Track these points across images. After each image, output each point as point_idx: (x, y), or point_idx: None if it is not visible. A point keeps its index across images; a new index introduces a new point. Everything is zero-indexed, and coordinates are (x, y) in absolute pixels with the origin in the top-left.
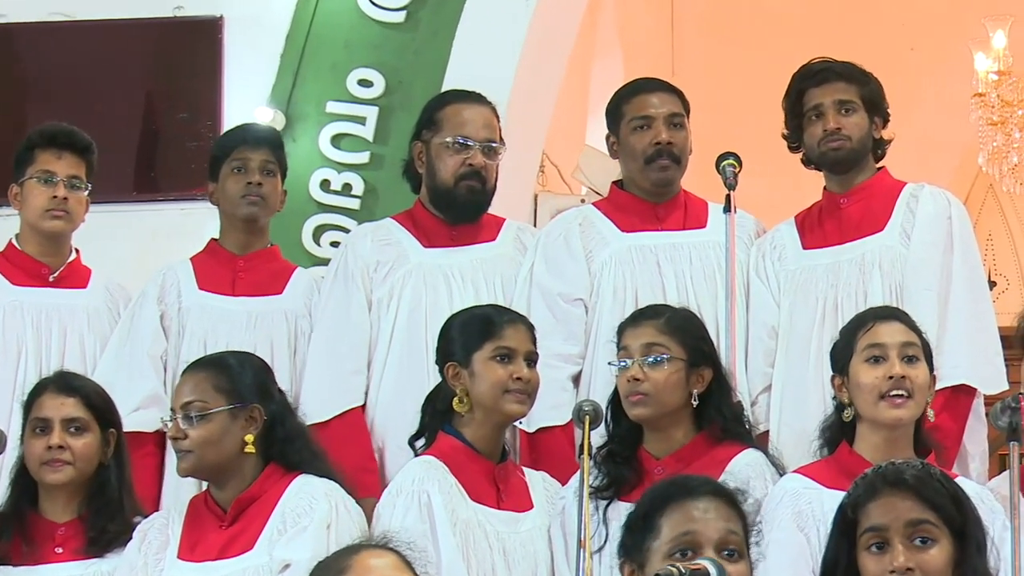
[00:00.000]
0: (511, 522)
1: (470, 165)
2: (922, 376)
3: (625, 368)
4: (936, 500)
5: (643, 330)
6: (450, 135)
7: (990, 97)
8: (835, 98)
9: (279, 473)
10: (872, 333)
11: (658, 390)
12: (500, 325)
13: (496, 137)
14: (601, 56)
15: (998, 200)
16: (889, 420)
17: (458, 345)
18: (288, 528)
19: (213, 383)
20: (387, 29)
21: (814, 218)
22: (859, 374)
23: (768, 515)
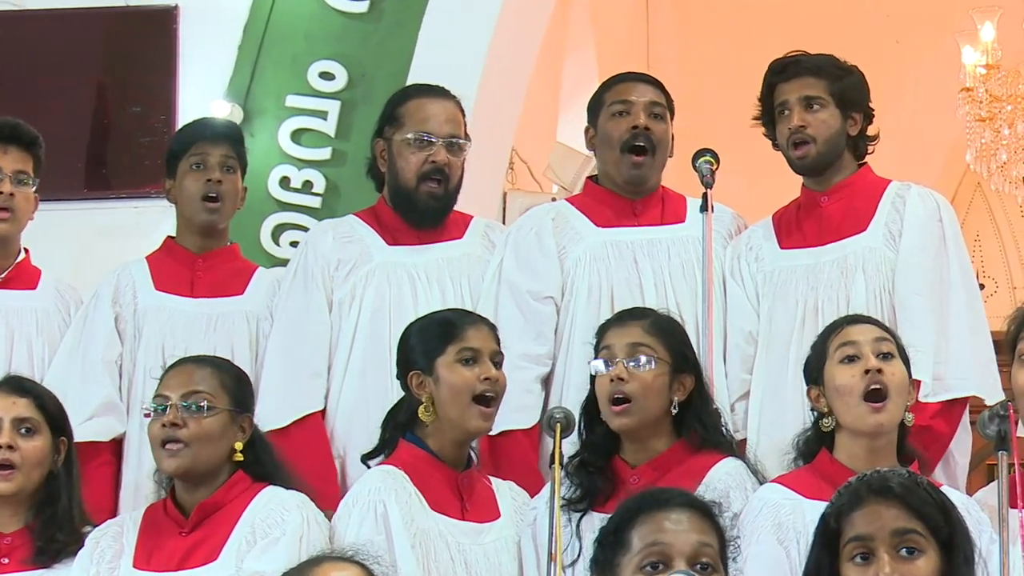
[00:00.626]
0: (474, 533)
1: (433, 162)
2: (899, 374)
3: (607, 369)
4: (923, 510)
5: (629, 330)
6: (412, 131)
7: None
8: (801, 94)
9: (246, 482)
10: (843, 334)
11: (643, 392)
12: (461, 327)
13: (461, 133)
14: (573, 49)
15: (986, 199)
16: (869, 427)
17: (419, 352)
18: (258, 539)
19: (220, 380)
20: (350, 20)
21: (792, 217)
22: (835, 376)
23: (746, 527)
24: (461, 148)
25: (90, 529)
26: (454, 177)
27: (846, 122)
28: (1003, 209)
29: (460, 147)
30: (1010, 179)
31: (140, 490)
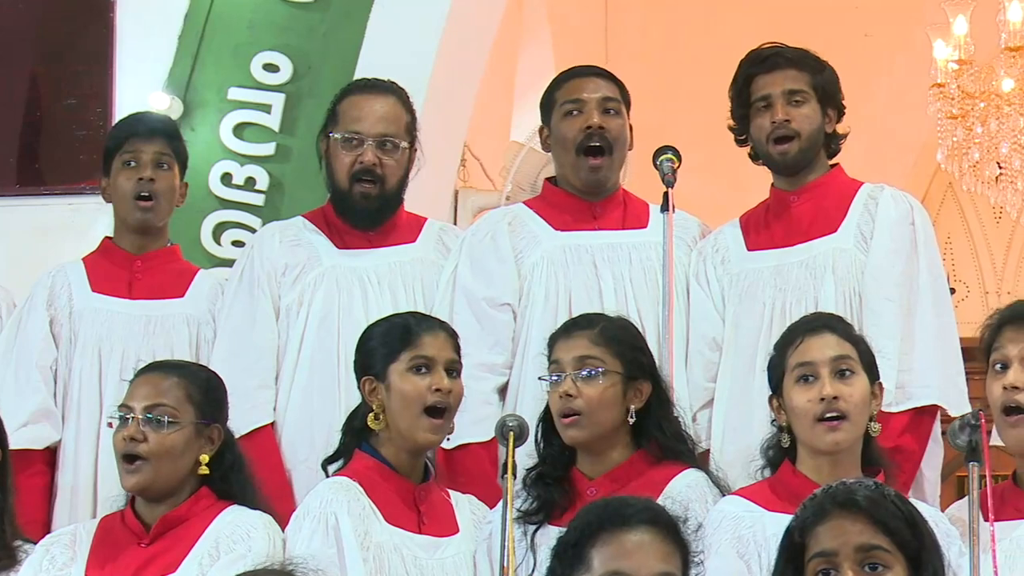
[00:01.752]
0: (431, 547)
1: (361, 162)
2: (858, 393)
3: (557, 384)
4: (890, 523)
5: (575, 342)
6: (342, 130)
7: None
8: (785, 87)
9: (211, 499)
10: (801, 350)
11: (592, 407)
12: (417, 333)
13: (397, 131)
14: (528, 40)
15: (958, 200)
16: (826, 446)
17: (375, 357)
18: (222, 554)
19: (186, 392)
20: (295, 9)
21: (760, 218)
22: (792, 396)
23: (706, 541)
24: (396, 147)
25: (21, 544)
26: (390, 177)
27: (824, 118)
28: (975, 210)
29: (395, 146)
30: (982, 179)
31: (76, 499)
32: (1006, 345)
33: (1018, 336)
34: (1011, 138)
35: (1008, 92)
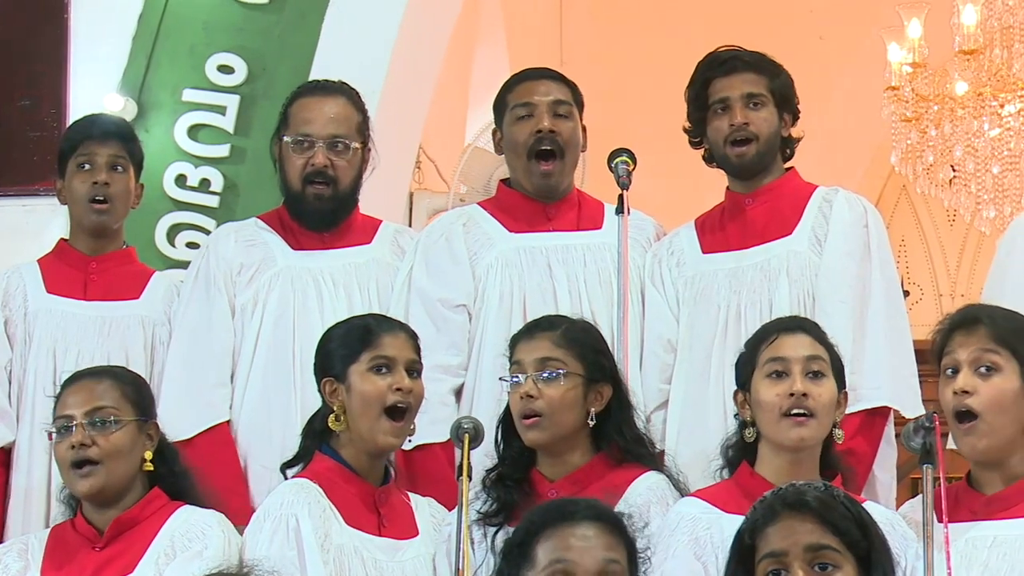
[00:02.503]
0: (392, 550)
1: (312, 165)
2: (827, 394)
3: (518, 384)
4: (839, 524)
5: (537, 343)
6: (293, 133)
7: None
8: (743, 90)
9: (163, 499)
10: (775, 346)
11: (553, 408)
12: (378, 334)
13: (348, 132)
14: (484, 42)
15: (912, 203)
16: (791, 441)
17: (335, 359)
18: (178, 552)
19: (121, 391)
20: (250, 10)
21: (715, 221)
22: (760, 390)
23: (663, 542)
24: (347, 149)
25: None
26: (343, 179)
27: (781, 122)
28: (929, 213)
29: (346, 148)
30: (937, 182)
31: (30, 500)
32: (956, 350)
33: (968, 341)
34: (965, 141)
35: (962, 95)
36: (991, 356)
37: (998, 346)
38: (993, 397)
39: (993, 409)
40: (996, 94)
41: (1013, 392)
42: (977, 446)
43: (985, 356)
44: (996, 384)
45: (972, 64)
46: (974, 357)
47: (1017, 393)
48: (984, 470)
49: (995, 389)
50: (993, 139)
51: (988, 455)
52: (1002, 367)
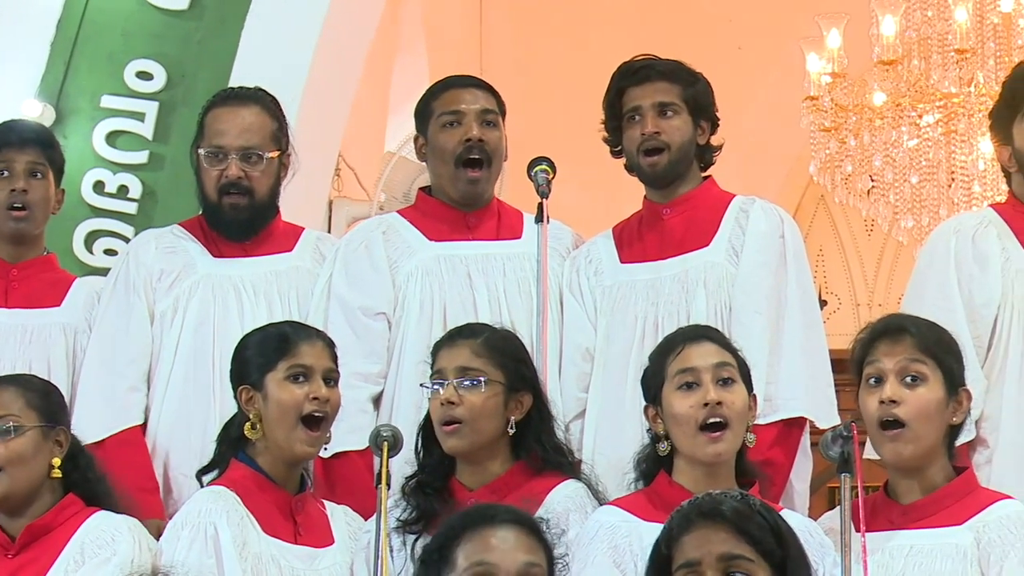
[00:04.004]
0: (308, 558)
1: (226, 177)
2: (739, 400)
3: (438, 391)
4: (754, 533)
5: (459, 351)
6: (206, 145)
7: (823, 101)
8: (655, 100)
9: (77, 505)
10: (682, 357)
11: (474, 416)
12: (295, 342)
13: (260, 142)
14: (404, 51)
15: (830, 212)
16: (707, 457)
17: (251, 366)
18: (87, 559)
19: (25, 399)
20: (169, 17)
21: (633, 230)
22: (673, 403)
23: (582, 550)
24: (260, 159)
25: None
26: (259, 189)
27: (696, 130)
28: (847, 223)
29: (259, 158)
30: (855, 192)
31: None
32: (881, 359)
33: (893, 350)
34: (883, 151)
35: (880, 105)
36: (917, 366)
37: (924, 356)
38: (919, 407)
39: (919, 418)
40: (915, 104)
41: (937, 402)
42: (903, 453)
43: (912, 366)
44: (922, 394)
45: (891, 74)
46: (900, 367)
47: (941, 403)
48: (903, 478)
49: (921, 399)
50: (912, 149)
51: (912, 462)
52: (928, 377)
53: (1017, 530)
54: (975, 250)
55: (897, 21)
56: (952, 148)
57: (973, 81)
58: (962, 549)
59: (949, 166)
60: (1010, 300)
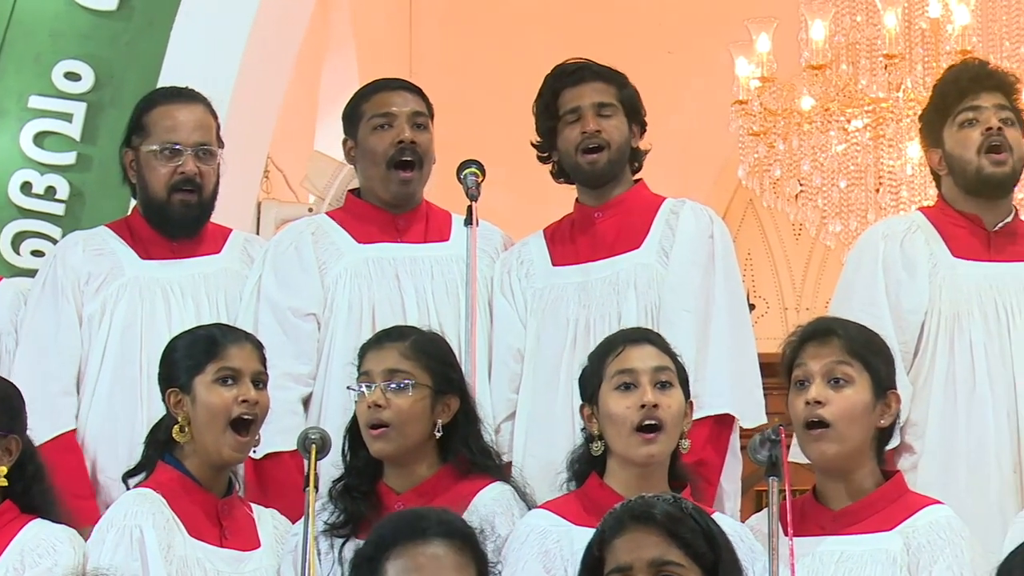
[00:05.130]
0: (234, 562)
1: (182, 173)
2: (676, 404)
3: (365, 394)
4: (686, 537)
5: (386, 354)
6: (158, 141)
7: (752, 105)
8: (594, 99)
9: (13, 512)
10: (622, 358)
11: (401, 419)
12: (223, 345)
13: (211, 139)
14: (333, 52)
15: (758, 216)
16: (640, 458)
17: (179, 369)
18: (27, 568)
19: None
20: (97, 18)
21: (565, 233)
22: (609, 403)
23: (512, 555)
24: (213, 155)
25: None
26: (207, 186)
27: (631, 132)
28: (775, 227)
29: (212, 154)
30: (783, 196)
31: None
32: (808, 362)
33: (819, 352)
34: (812, 155)
35: (809, 110)
36: (844, 368)
37: (851, 358)
38: (845, 408)
39: (844, 419)
40: (843, 109)
41: (864, 404)
42: (827, 453)
43: (838, 368)
44: (848, 396)
45: (820, 79)
46: (827, 369)
47: (867, 405)
48: (831, 482)
49: (847, 401)
50: (840, 154)
51: (836, 463)
52: (854, 379)
53: (946, 536)
54: (904, 256)
55: (826, 26)
56: (880, 153)
57: (901, 86)
58: (892, 555)
59: (877, 171)
60: (937, 306)
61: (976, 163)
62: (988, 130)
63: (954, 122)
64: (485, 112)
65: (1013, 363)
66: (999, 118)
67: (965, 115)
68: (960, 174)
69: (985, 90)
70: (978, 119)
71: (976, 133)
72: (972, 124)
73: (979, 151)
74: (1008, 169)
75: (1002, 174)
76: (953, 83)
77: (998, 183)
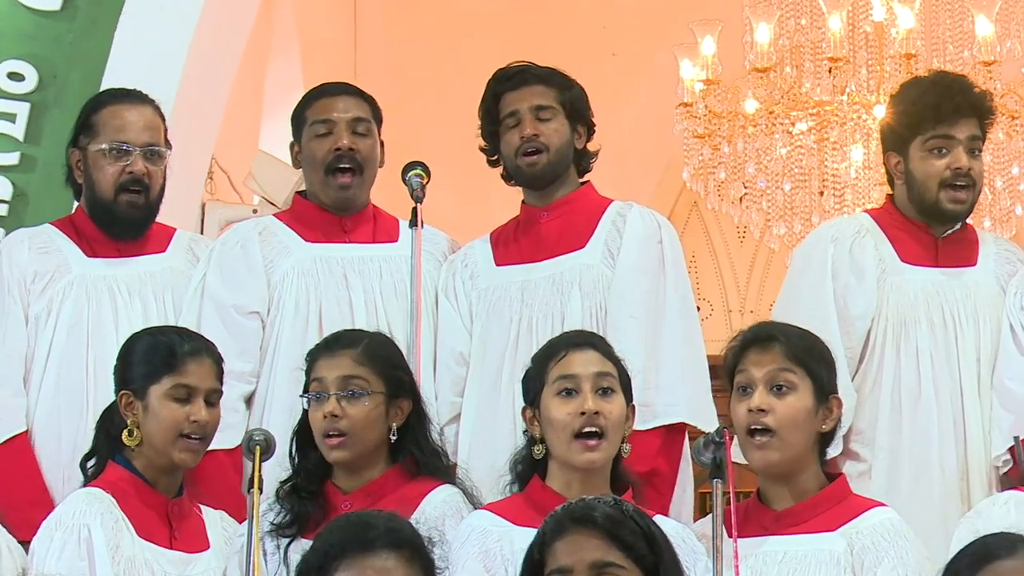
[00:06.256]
0: (182, 563)
1: (130, 173)
2: (617, 411)
3: (320, 402)
4: (627, 539)
5: (339, 360)
6: (107, 141)
7: (697, 108)
8: (532, 103)
9: None
10: (564, 363)
11: (358, 427)
12: (183, 359)
13: (159, 140)
14: (277, 54)
15: (703, 219)
16: (581, 464)
17: (137, 373)
18: None
19: None
20: (41, 18)
21: (510, 234)
22: (551, 409)
23: (454, 554)
24: (161, 156)
25: None
26: (155, 186)
27: (573, 134)
28: (719, 229)
29: (160, 155)
30: (728, 198)
31: None
32: (750, 368)
33: (761, 359)
34: (756, 158)
35: (753, 113)
36: (786, 375)
37: (793, 364)
38: (788, 415)
39: (788, 426)
40: (788, 112)
41: (806, 410)
42: (770, 459)
43: (780, 375)
44: (791, 403)
45: (764, 82)
46: (769, 376)
47: (810, 411)
48: (774, 485)
49: (790, 407)
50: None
51: (780, 468)
52: (796, 385)
53: (890, 537)
54: (852, 260)
55: (771, 29)
56: (824, 156)
57: (846, 89)
58: (835, 556)
59: (821, 174)
60: (884, 312)
61: (936, 195)
62: (957, 169)
63: (924, 144)
64: (430, 114)
65: (960, 370)
66: (968, 150)
67: (936, 141)
68: (916, 196)
69: (962, 118)
70: (948, 150)
71: (942, 164)
72: (941, 153)
73: (941, 185)
74: (966, 207)
75: (959, 211)
76: (933, 108)
77: (953, 217)
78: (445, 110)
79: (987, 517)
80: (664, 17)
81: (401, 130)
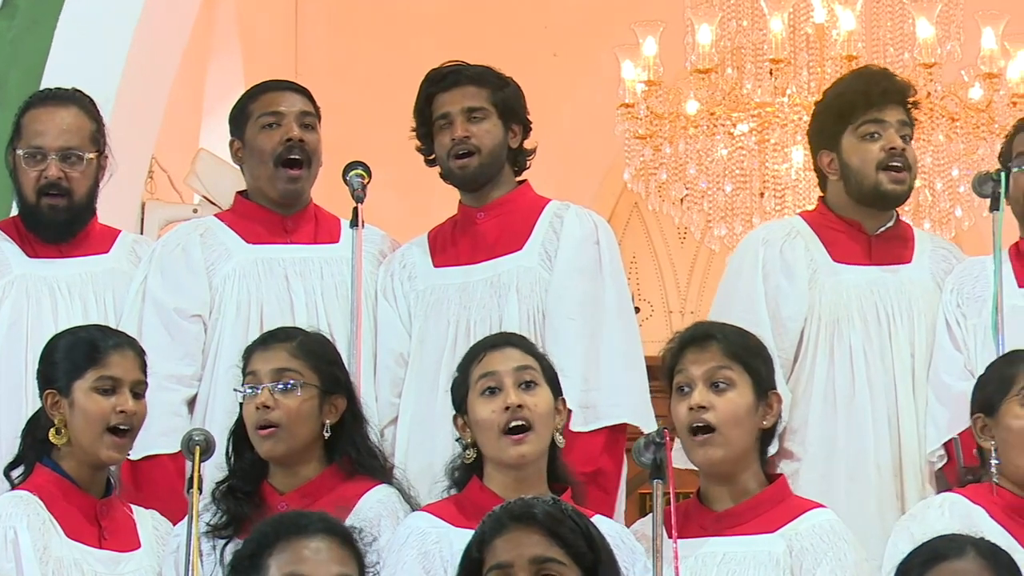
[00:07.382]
0: (112, 563)
1: (46, 178)
2: (543, 403)
3: (253, 395)
4: (566, 537)
5: (274, 354)
6: (25, 145)
7: (638, 108)
8: (463, 104)
9: None
10: (484, 363)
11: (290, 419)
12: (105, 351)
13: (80, 143)
14: (218, 53)
15: (643, 220)
16: (511, 459)
17: (60, 371)
18: None
19: None
20: None
21: (447, 235)
22: (476, 409)
23: (392, 556)
24: (80, 159)
25: None
26: (77, 190)
27: (507, 134)
28: (660, 230)
29: (79, 158)
30: (668, 199)
31: None
32: (688, 367)
33: (700, 358)
34: (697, 159)
35: (695, 114)
36: (725, 372)
37: (731, 362)
38: (729, 412)
39: (729, 423)
40: (729, 114)
41: (747, 406)
42: (713, 457)
43: (719, 372)
44: (731, 399)
45: (706, 83)
46: (708, 374)
47: (751, 407)
48: (715, 485)
49: (730, 404)
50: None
51: (723, 467)
52: (735, 382)
53: (829, 539)
54: (783, 261)
55: (713, 30)
56: (765, 157)
57: (787, 91)
58: (774, 557)
59: (762, 175)
60: (817, 312)
61: (874, 178)
62: (892, 150)
63: (855, 132)
64: (371, 114)
65: (894, 366)
66: (901, 135)
67: (868, 127)
68: (855, 185)
69: (890, 103)
70: (881, 133)
71: (877, 148)
72: (874, 138)
73: (878, 167)
74: (906, 187)
75: (899, 192)
76: (862, 94)
77: (895, 200)
78: (386, 110)
79: (922, 521)
80: (606, 18)
81: (342, 130)
